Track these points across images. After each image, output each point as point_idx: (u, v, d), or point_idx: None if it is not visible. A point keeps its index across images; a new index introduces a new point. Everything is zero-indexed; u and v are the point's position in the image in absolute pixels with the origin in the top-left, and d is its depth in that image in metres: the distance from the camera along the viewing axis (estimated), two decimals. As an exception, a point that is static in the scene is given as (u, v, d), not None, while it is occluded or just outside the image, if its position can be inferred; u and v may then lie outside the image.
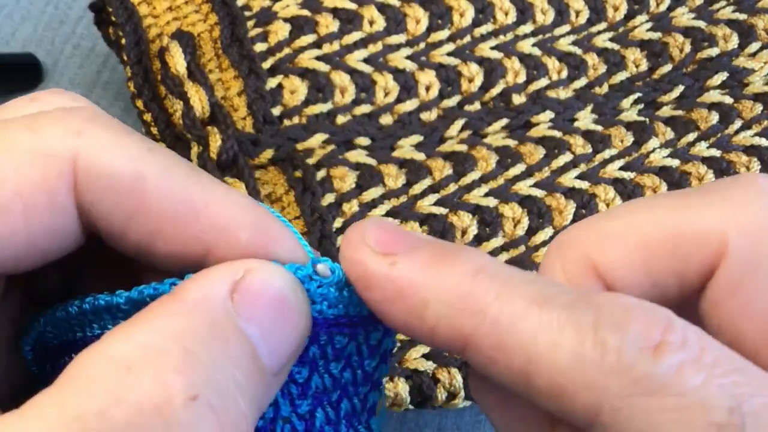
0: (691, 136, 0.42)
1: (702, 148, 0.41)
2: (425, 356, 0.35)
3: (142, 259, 0.21)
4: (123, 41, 0.42)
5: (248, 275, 0.19)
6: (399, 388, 0.35)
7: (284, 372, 0.20)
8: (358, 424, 0.23)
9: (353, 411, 0.23)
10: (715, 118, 0.42)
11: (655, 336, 0.18)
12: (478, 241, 0.38)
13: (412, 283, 0.19)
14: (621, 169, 0.40)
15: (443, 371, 0.35)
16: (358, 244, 0.20)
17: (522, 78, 0.43)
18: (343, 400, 0.23)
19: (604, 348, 0.18)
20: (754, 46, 0.44)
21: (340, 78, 0.41)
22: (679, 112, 0.42)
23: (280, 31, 0.42)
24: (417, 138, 0.41)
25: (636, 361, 0.17)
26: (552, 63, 0.43)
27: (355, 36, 0.42)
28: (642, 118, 0.42)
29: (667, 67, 0.44)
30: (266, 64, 0.41)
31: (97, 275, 0.24)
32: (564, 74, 0.43)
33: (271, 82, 0.41)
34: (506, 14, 0.44)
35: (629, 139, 0.41)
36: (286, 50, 0.41)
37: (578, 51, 0.44)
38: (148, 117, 0.42)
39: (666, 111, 0.43)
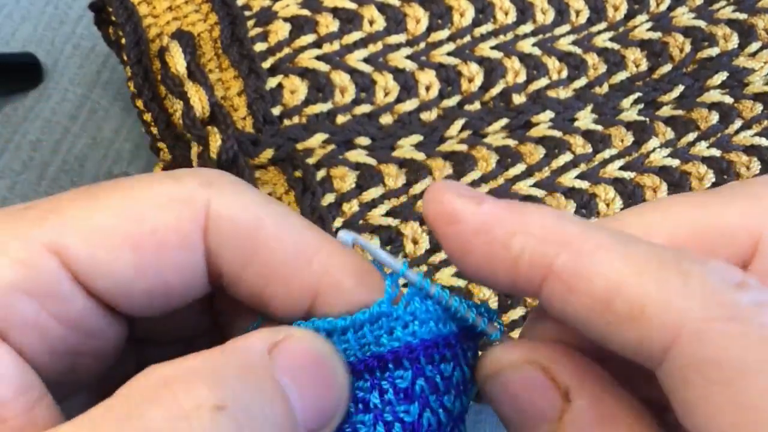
0: (691, 136, 0.42)
1: (702, 148, 0.41)
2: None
3: (256, 306, 0.23)
4: (123, 41, 0.42)
5: (287, 338, 0.21)
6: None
7: None
8: None
9: None
10: (715, 117, 0.42)
11: (736, 275, 0.18)
12: (478, 240, 0.38)
13: (500, 216, 0.20)
14: (621, 168, 0.40)
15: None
16: (445, 190, 0.21)
17: (522, 78, 0.43)
18: None
19: (689, 274, 0.18)
20: (754, 46, 0.44)
21: (340, 78, 0.41)
22: (679, 112, 0.42)
23: (280, 30, 0.42)
24: (417, 138, 0.41)
25: (720, 289, 0.18)
26: (552, 63, 0.43)
27: (355, 36, 0.42)
28: (642, 118, 0.42)
29: (667, 67, 0.44)
30: (266, 64, 0.41)
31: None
32: (564, 74, 0.43)
33: (271, 82, 0.41)
34: (506, 14, 0.44)
35: (629, 139, 0.41)
36: (286, 50, 0.41)
37: (578, 51, 0.44)
38: (148, 117, 0.42)
39: (666, 111, 0.43)
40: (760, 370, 0.17)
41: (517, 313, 0.37)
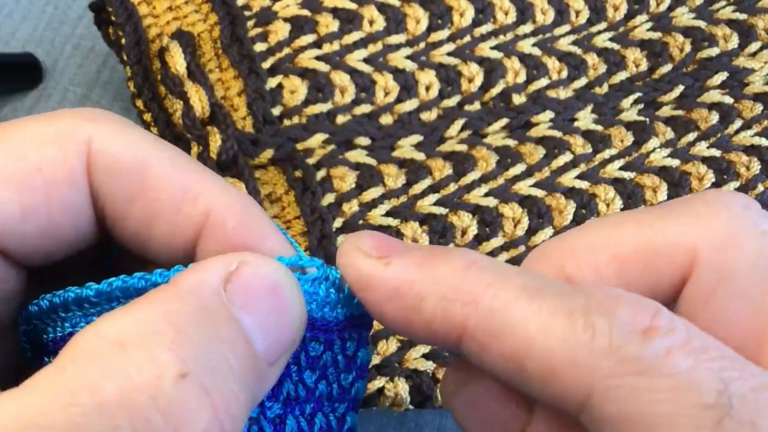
0: (691, 136, 0.42)
1: (702, 148, 0.41)
2: (425, 356, 0.35)
3: (138, 248, 0.22)
4: (123, 41, 0.42)
5: (242, 267, 0.20)
6: (399, 388, 0.35)
7: (280, 364, 0.20)
8: None
9: (329, 429, 0.23)
10: (715, 117, 0.42)
11: (644, 321, 0.18)
12: (478, 241, 0.38)
13: (407, 280, 0.20)
14: (621, 169, 0.40)
15: (443, 371, 0.35)
16: (352, 250, 0.21)
17: (522, 78, 0.43)
18: (317, 414, 0.22)
19: (594, 331, 0.18)
20: (754, 46, 0.44)
21: (340, 78, 0.41)
22: (679, 112, 0.42)
23: (280, 30, 0.42)
24: (417, 138, 0.41)
25: (625, 342, 0.18)
26: (552, 63, 0.43)
27: (355, 36, 0.42)
28: (642, 118, 0.42)
29: (667, 67, 0.44)
30: (266, 64, 0.41)
31: None
32: (564, 74, 0.43)
33: (271, 82, 0.41)
34: (506, 14, 0.44)
35: (629, 139, 0.41)
36: (286, 50, 0.41)
37: (578, 51, 0.44)
38: (148, 117, 0.42)
39: (666, 111, 0.43)
40: (669, 423, 0.17)
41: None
